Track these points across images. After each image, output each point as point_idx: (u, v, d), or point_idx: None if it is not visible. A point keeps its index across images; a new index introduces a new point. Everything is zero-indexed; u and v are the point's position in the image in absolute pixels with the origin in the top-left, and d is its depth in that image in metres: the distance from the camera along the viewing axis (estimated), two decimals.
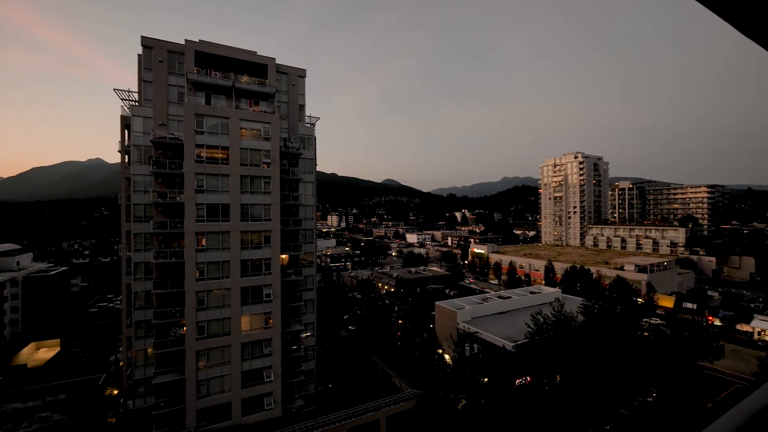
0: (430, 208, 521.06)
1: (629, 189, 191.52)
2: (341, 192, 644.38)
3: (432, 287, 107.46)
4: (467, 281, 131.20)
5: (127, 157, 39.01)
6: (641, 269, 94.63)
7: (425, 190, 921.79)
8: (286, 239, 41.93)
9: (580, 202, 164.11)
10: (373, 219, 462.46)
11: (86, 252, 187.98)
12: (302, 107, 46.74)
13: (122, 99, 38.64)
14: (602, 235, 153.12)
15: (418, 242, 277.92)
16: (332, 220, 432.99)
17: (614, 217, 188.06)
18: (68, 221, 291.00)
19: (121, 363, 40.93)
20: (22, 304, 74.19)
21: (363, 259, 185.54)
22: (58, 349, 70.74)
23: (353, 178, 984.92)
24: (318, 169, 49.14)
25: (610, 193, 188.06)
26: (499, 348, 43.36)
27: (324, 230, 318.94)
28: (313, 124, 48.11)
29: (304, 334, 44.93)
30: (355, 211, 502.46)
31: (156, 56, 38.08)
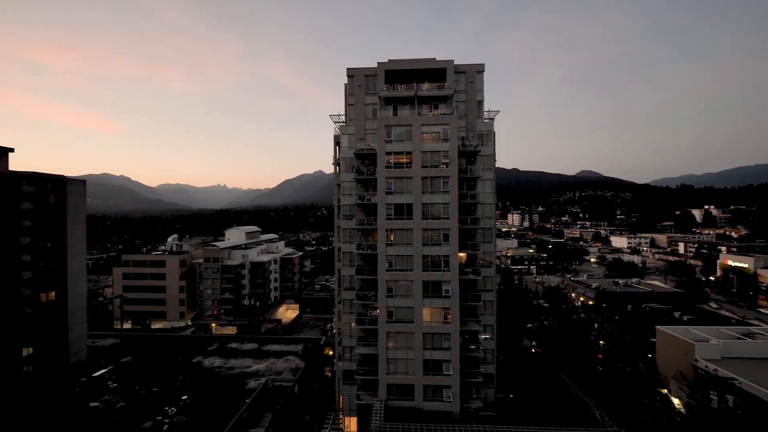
0: (647, 204, 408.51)
1: None
2: (524, 188, 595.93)
3: (651, 306, 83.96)
4: (712, 305, 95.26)
5: (338, 167, 48.66)
6: None
7: (639, 181, 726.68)
8: (463, 238, 41.97)
9: None
10: (564, 218, 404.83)
11: (313, 242, 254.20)
12: (480, 103, 45.60)
13: (334, 122, 48.46)
14: None
15: (628, 247, 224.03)
16: (513, 219, 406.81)
17: None
18: (302, 219, 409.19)
19: (334, 331, 51.64)
20: (279, 277, 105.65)
21: (551, 263, 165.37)
22: (297, 312, 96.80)
23: (538, 172, 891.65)
24: (497, 165, 46.79)
25: None
26: None
27: (504, 230, 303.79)
28: (492, 119, 46.06)
29: (483, 336, 43.72)
30: (540, 209, 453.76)
31: (356, 82, 45.85)
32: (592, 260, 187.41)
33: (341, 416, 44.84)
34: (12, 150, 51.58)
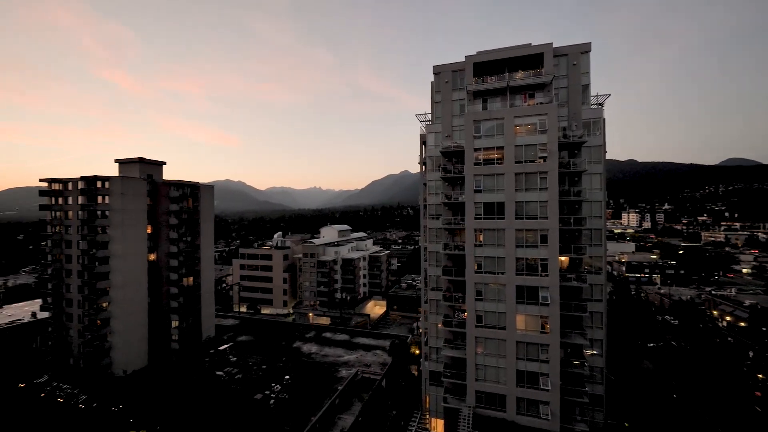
0: None
1: None
2: (643, 182, 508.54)
3: None
4: None
5: (424, 166, 48.34)
6: None
7: None
8: (565, 239, 37.50)
9: None
10: (701, 217, 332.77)
11: (399, 241, 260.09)
12: (586, 87, 40.13)
13: (420, 121, 48.23)
14: None
15: None
16: (629, 218, 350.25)
17: None
18: (389, 218, 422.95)
19: (420, 330, 51.50)
20: (368, 273, 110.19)
21: (682, 272, 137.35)
22: (384, 308, 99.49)
23: (663, 162, 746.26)
24: (608, 156, 40.61)
25: None
26: None
27: (617, 231, 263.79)
28: (601, 104, 40.19)
29: (589, 351, 38.43)
30: (666, 206, 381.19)
31: (443, 79, 44.77)
32: (744, 270, 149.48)
33: (427, 417, 44.53)
34: (165, 163, 64.79)
